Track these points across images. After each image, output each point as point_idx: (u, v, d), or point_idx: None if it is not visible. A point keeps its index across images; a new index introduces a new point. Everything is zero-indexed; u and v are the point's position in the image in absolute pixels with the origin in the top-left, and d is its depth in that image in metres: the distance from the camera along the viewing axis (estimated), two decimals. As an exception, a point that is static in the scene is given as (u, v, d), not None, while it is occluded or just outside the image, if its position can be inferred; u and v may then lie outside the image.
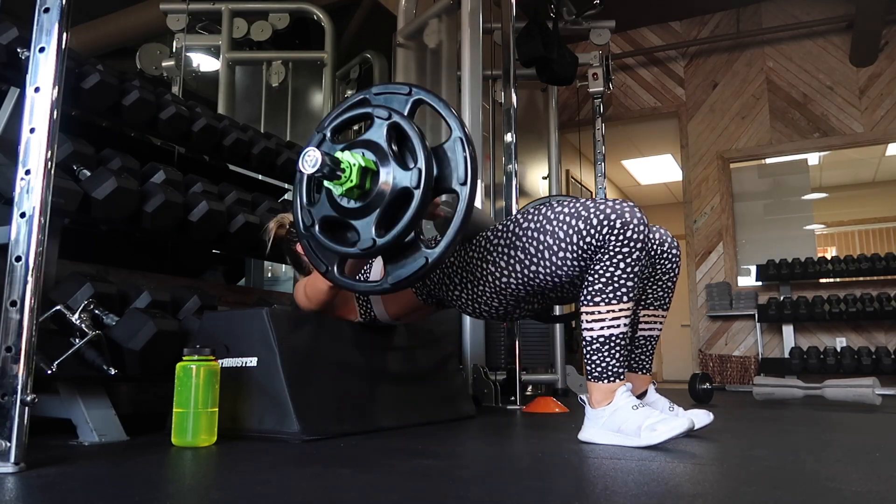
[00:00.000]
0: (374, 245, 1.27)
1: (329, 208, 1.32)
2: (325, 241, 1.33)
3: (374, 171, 1.27)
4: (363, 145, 1.29)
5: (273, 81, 4.63)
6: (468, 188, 1.24)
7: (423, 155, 1.24)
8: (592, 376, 1.45)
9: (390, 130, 1.28)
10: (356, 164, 1.24)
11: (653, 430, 1.35)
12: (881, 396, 2.80)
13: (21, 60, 1.81)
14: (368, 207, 1.28)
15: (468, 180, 1.25)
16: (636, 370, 1.74)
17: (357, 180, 1.24)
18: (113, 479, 0.99)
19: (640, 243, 1.40)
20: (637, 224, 1.39)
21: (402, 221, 1.25)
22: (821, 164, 7.04)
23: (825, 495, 0.91)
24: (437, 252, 1.26)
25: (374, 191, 1.27)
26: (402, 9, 3.90)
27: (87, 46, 4.84)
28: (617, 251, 1.40)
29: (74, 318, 1.44)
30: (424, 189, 1.23)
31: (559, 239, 1.44)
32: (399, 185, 1.25)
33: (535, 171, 5.15)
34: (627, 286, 1.42)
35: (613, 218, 1.39)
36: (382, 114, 1.28)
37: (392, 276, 1.29)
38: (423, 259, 1.27)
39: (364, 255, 1.31)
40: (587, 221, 1.40)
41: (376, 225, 1.27)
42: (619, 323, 1.43)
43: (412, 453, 1.26)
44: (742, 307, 5.12)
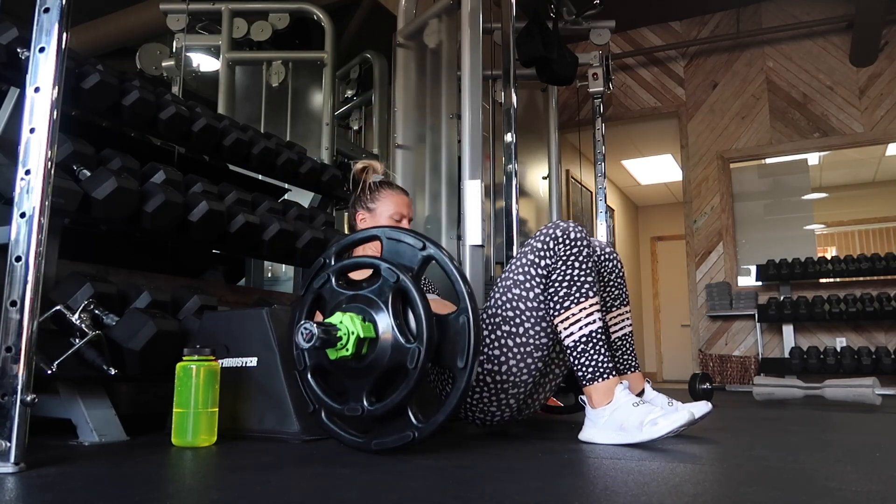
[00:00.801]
0: (362, 413, 1.25)
1: (324, 359, 1.29)
2: (316, 389, 1.32)
3: (373, 339, 1.24)
4: (366, 303, 1.26)
5: (273, 81, 4.62)
6: (467, 372, 1.21)
7: (425, 330, 1.20)
8: (586, 379, 1.46)
9: (396, 294, 1.25)
10: (354, 333, 1.22)
11: (654, 423, 1.36)
12: (881, 396, 2.80)
13: (21, 60, 1.81)
14: (362, 372, 1.26)
15: (468, 365, 1.21)
16: (624, 371, 1.78)
17: (353, 350, 1.22)
18: (113, 479, 0.99)
19: (584, 240, 1.53)
20: (573, 228, 1.53)
21: (395, 398, 1.22)
22: (821, 164, 7.03)
23: (825, 495, 0.91)
24: (425, 431, 1.22)
25: (369, 357, 1.24)
26: (402, 9, 3.90)
27: (87, 46, 4.84)
28: (567, 254, 1.50)
29: (74, 318, 1.44)
30: (422, 370, 1.20)
31: (521, 283, 1.54)
32: (396, 360, 1.22)
33: (535, 171, 5.15)
34: (588, 281, 1.50)
35: (552, 232, 1.52)
36: (390, 276, 1.25)
37: (376, 441, 1.26)
38: (409, 434, 1.23)
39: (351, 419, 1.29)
40: (534, 250, 1.54)
41: (368, 392, 1.25)
42: (593, 318, 1.48)
43: (412, 453, 1.26)
44: (742, 307, 5.12)
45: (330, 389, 1.32)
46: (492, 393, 1.56)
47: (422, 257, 1.29)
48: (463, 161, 2.77)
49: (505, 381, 1.55)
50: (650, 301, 8.84)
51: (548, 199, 5.08)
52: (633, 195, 8.93)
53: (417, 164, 3.62)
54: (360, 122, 5.73)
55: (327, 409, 1.32)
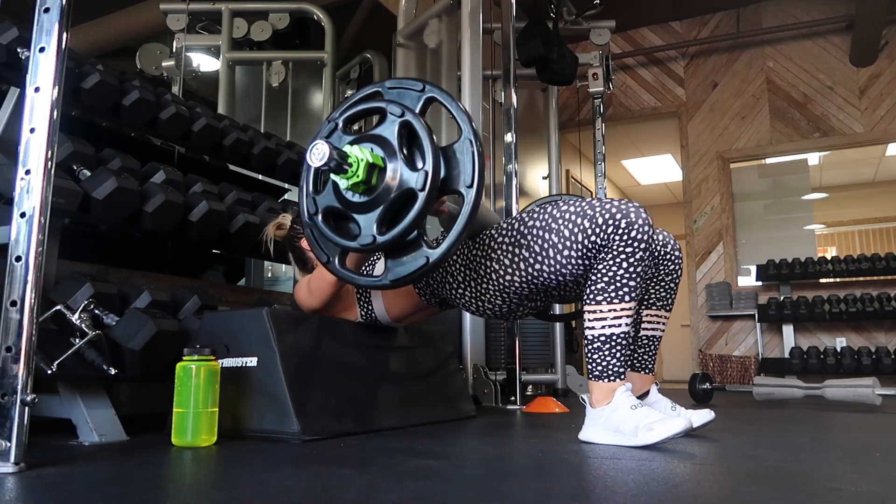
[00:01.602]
0: (373, 242, 1.27)
1: (333, 199, 1.32)
2: (326, 230, 1.33)
3: (382, 168, 1.27)
4: (373, 140, 1.29)
5: (273, 81, 4.63)
6: (474, 191, 1.24)
7: (431, 157, 1.24)
8: (593, 375, 1.46)
9: (401, 128, 1.28)
10: (364, 159, 1.24)
11: (649, 429, 1.35)
12: (881, 396, 2.80)
13: (21, 60, 1.81)
14: (372, 203, 1.28)
15: (475, 183, 1.24)
16: (638, 370, 1.75)
17: (363, 176, 1.24)
18: (113, 479, 0.99)
19: (644, 244, 1.41)
20: (642, 224, 1.40)
21: (404, 222, 1.24)
22: (821, 164, 7.03)
23: (825, 495, 0.91)
24: (438, 252, 1.26)
25: (379, 187, 1.27)
26: (402, 9, 3.90)
27: (87, 46, 4.84)
28: (620, 251, 1.41)
29: (74, 318, 1.44)
30: (429, 192, 1.23)
31: (564, 237, 1.45)
32: (405, 186, 1.25)
33: (535, 171, 5.15)
34: (630, 286, 1.42)
35: (619, 217, 1.40)
36: (395, 111, 1.28)
37: (392, 272, 1.29)
38: (423, 259, 1.26)
39: (363, 251, 1.31)
40: (593, 220, 1.42)
41: (378, 222, 1.27)
42: (620, 322, 1.43)
43: (412, 453, 1.26)
44: (742, 307, 5.12)
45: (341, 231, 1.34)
46: (491, 289, 1.58)
47: (424, 99, 1.32)
48: (463, 161, 2.76)
49: (506, 289, 1.56)
50: (650, 301, 8.82)
51: (548, 199, 5.07)
52: (633, 195, 8.93)
53: (417, 164, 3.62)
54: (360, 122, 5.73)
55: (340, 252, 1.35)
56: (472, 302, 1.64)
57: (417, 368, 2.00)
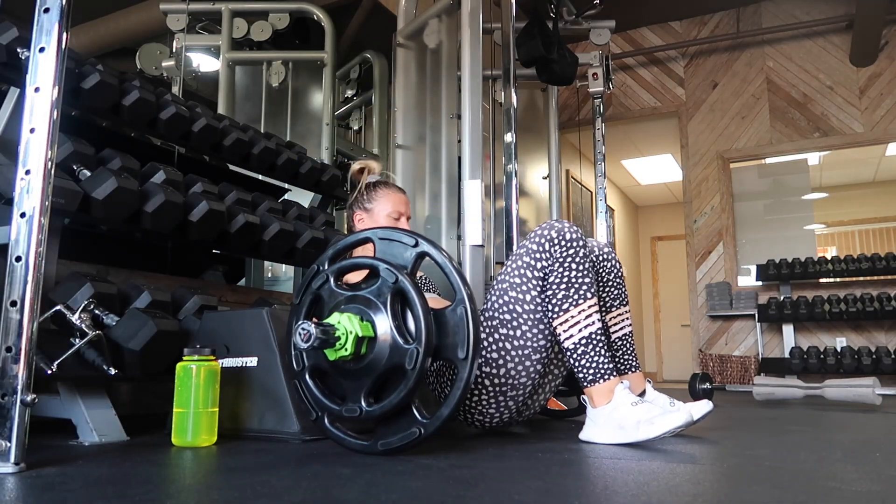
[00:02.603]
0: (360, 413, 1.24)
1: (322, 360, 1.29)
2: (314, 390, 1.31)
3: (371, 338, 1.24)
4: (364, 303, 1.26)
5: (273, 81, 4.62)
6: (468, 363, 1.21)
7: (423, 331, 1.20)
8: (587, 381, 1.46)
9: (395, 295, 1.25)
10: (353, 332, 1.22)
11: (651, 423, 1.36)
12: (881, 396, 2.80)
13: (21, 60, 1.81)
14: (361, 373, 1.25)
15: (469, 355, 1.21)
16: (625, 371, 1.77)
17: (352, 350, 1.22)
18: (113, 479, 0.99)
19: (580, 241, 1.51)
20: (568, 228, 1.51)
21: (393, 399, 1.21)
22: (821, 164, 7.03)
23: (825, 495, 0.91)
24: (431, 426, 1.22)
25: (368, 357, 1.24)
26: (402, 9, 3.90)
27: (87, 46, 4.84)
28: (564, 255, 1.49)
29: (74, 318, 1.44)
30: (420, 369, 1.20)
31: (517, 285, 1.52)
32: (394, 361, 1.22)
33: (535, 171, 5.15)
34: (586, 283, 1.49)
35: (547, 234, 1.50)
36: (389, 276, 1.25)
37: (382, 441, 1.25)
38: (416, 431, 1.22)
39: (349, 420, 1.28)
40: (529, 252, 1.52)
41: (366, 393, 1.25)
42: (592, 320, 1.48)
43: (412, 453, 1.26)
44: (742, 307, 5.12)
45: (328, 391, 1.32)
46: (490, 395, 1.56)
47: (415, 254, 1.30)
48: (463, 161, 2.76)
49: (503, 384, 1.55)
50: (650, 301, 8.84)
51: (548, 199, 5.08)
52: (633, 195, 8.93)
53: (417, 164, 3.62)
54: (360, 122, 5.73)
55: (328, 413, 1.31)
56: (483, 419, 1.61)
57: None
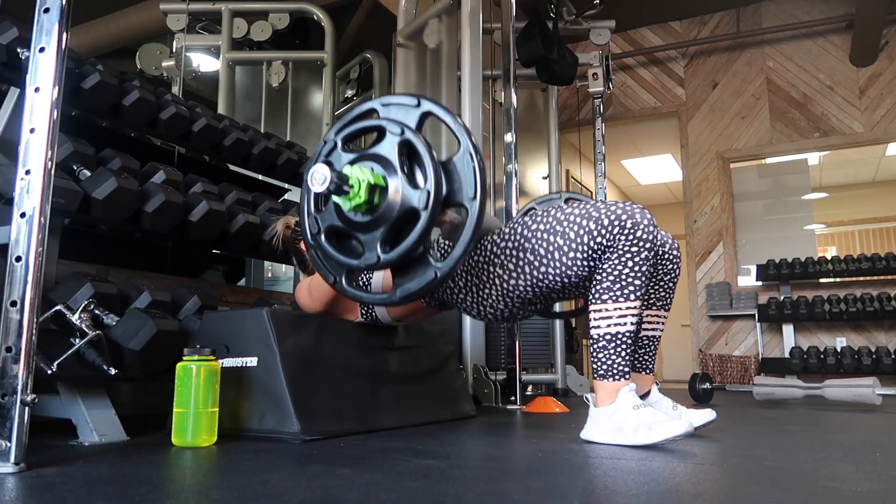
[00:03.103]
0: (378, 261, 1.27)
1: (336, 218, 1.31)
2: (330, 250, 1.33)
3: (383, 188, 1.26)
4: (373, 159, 1.28)
5: (273, 81, 4.62)
6: (478, 203, 1.24)
7: (432, 176, 1.23)
8: (598, 374, 1.47)
9: (402, 147, 1.27)
10: (365, 180, 1.23)
11: (650, 429, 1.36)
12: (881, 396, 2.80)
13: (21, 60, 1.81)
14: (375, 223, 1.27)
15: (477, 195, 1.24)
16: (639, 370, 1.76)
17: (365, 196, 1.23)
18: (113, 479, 0.99)
19: (650, 243, 1.43)
20: (647, 225, 1.42)
21: (407, 241, 1.24)
22: (821, 164, 7.03)
23: (825, 495, 0.91)
24: (446, 266, 1.25)
25: (381, 206, 1.26)
26: (402, 9, 3.90)
27: (87, 46, 4.84)
28: (626, 250, 1.42)
29: (74, 318, 1.44)
30: (431, 211, 1.22)
31: (570, 239, 1.46)
32: (407, 205, 1.24)
33: (535, 171, 5.15)
34: (635, 284, 1.44)
35: (624, 218, 1.42)
36: (395, 129, 1.27)
37: (401, 288, 1.29)
38: (432, 273, 1.26)
39: (368, 269, 1.31)
40: (598, 222, 1.43)
41: (382, 241, 1.27)
42: (626, 321, 1.45)
43: (412, 453, 1.26)
44: (742, 307, 5.12)
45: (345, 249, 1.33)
46: (498, 294, 1.57)
47: (419, 114, 1.31)
48: (463, 161, 2.76)
49: (510, 293, 1.55)
50: (650, 301, 8.82)
51: (548, 199, 5.07)
52: (633, 195, 8.93)
53: (417, 163, 3.62)
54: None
55: (346, 270, 1.34)
56: (473, 306, 1.64)
57: (417, 368, 2.00)
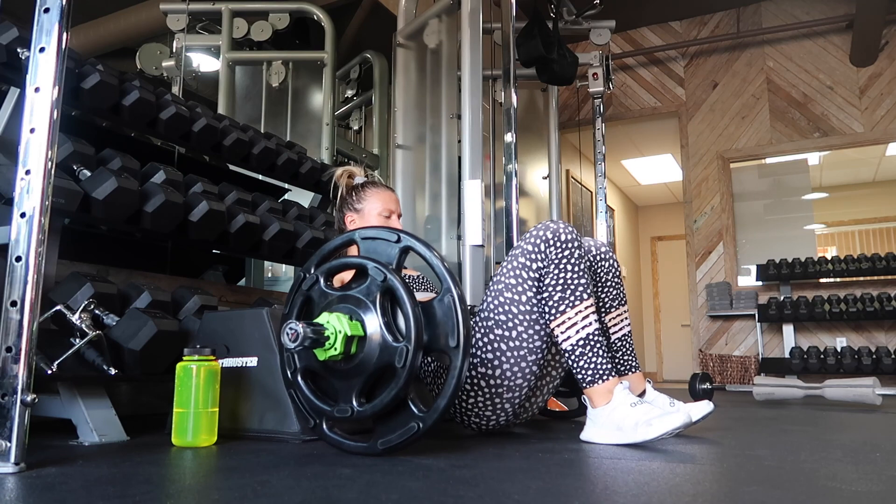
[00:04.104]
0: (352, 414, 1.24)
1: (312, 361, 1.28)
2: (307, 392, 1.31)
3: (361, 337, 1.24)
4: (353, 302, 1.26)
5: (273, 81, 4.62)
6: (461, 353, 1.21)
7: (413, 329, 1.20)
8: (586, 382, 1.46)
9: (384, 293, 1.24)
10: (342, 332, 1.21)
11: (649, 425, 1.36)
12: (881, 396, 2.80)
13: (21, 60, 1.81)
14: (351, 372, 1.25)
15: (461, 344, 1.21)
16: (625, 372, 1.76)
17: (342, 349, 1.22)
18: (113, 479, 0.99)
19: (576, 242, 1.51)
20: (563, 229, 1.50)
21: (384, 397, 1.21)
22: (821, 164, 7.03)
23: (825, 495, 0.91)
24: (429, 419, 1.21)
25: (358, 356, 1.24)
26: (402, 9, 3.90)
27: (87, 46, 4.84)
28: (559, 256, 1.48)
29: (74, 318, 1.44)
30: (410, 367, 1.19)
31: (513, 286, 1.52)
32: (385, 360, 1.22)
33: (535, 171, 5.15)
34: (582, 283, 1.49)
35: (542, 234, 1.50)
36: (378, 274, 1.25)
37: (382, 440, 1.24)
38: (414, 426, 1.22)
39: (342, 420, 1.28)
40: (524, 252, 1.51)
41: (357, 393, 1.25)
42: (590, 321, 1.47)
43: (412, 453, 1.26)
44: (742, 307, 5.12)
45: (321, 392, 1.32)
46: (487, 397, 1.55)
47: (399, 249, 1.30)
48: (463, 161, 2.77)
49: (500, 385, 1.54)
50: (650, 301, 8.84)
51: (548, 199, 5.08)
52: (633, 195, 8.93)
53: (417, 164, 3.62)
54: (360, 122, 5.73)
55: (325, 416, 1.31)
56: (500, 413, 1.60)
57: (417, 368, 1.99)
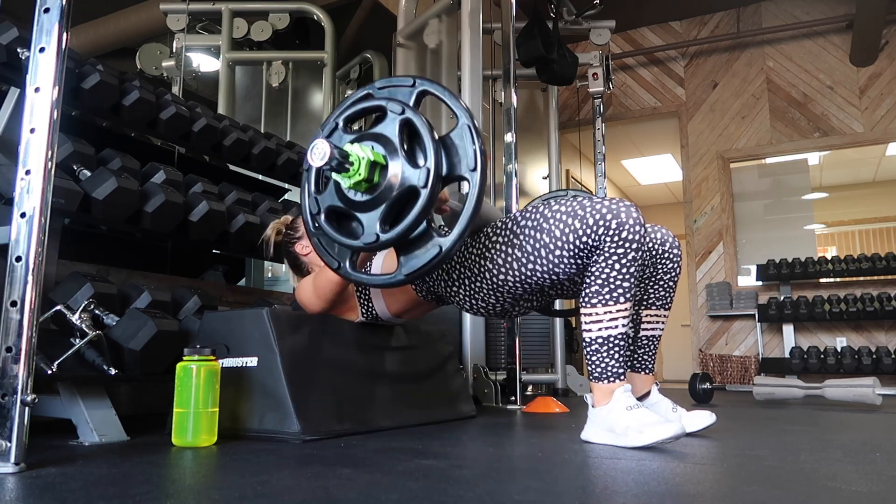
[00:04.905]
0: (377, 240, 1.27)
1: (336, 199, 1.32)
2: (330, 231, 1.33)
3: (383, 166, 1.26)
4: (374, 138, 1.29)
5: (273, 81, 4.62)
6: (478, 174, 1.24)
7: (432, 154, 1.23)
8: (593, 376, 1.47)
9: (402, 126, 1.27)
10: (365, 157, 1.24)
11: (640, 432, 1.35)
12: (881, 396, 2.80)
13: (21, 60, 1.81)
14: (375, 201, 1.28)
15: (478, 167, 1.24)
16: (638, 370, 1.74)
17: (365, 174, 1.24)
18: (113, 479, 0.99)
19: (636, 244, 1.40)
20: (633, 224, 1.39)
21: (407, 219, 1.24)
22: (821, 164, 7.03)
23: (825, 495, 0.91)
24: (450, 240, 1.25)
25: (381, 185, 1.27)
26: (402, 9, 3.90)
27: (87, 46, 4.84)
28: (612, 252, 1.40)
29: (74, 318, 1.44)
30: (431, 189, 1.22)
31: (555, 237, 1.45)
32: (407, 183, 1.25)
33: (535, 171, 5.15)
34: (624, 287, 1.42)
35: (609, 218, 1.39)
36: (395, 108, 1.28)
37: (406, 266, 1.28)
38: (436, 248, 1.26)
39: (367, 249, 1.31)
40: (583, 221, 1.41)
41: (381, 220, 1.27)
42: (616, 324, 1.43)
43: (412, 453, 1.26)
44: (742, 307, 5.12)
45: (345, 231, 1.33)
46: (489, 288, 1.56)
47: (416, 93, 1.32)
48: (463, 161, 2.76)
49: (499, 287, 1.55)
50: (650, 301, 8.82)
51: (548, 199, 5.07)
52: (633, 195, 8.93)
53: (417, 163, 3.61)
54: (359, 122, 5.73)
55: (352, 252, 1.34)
56: (466, 300, 1.64)
57: (417, 368, 2.00)
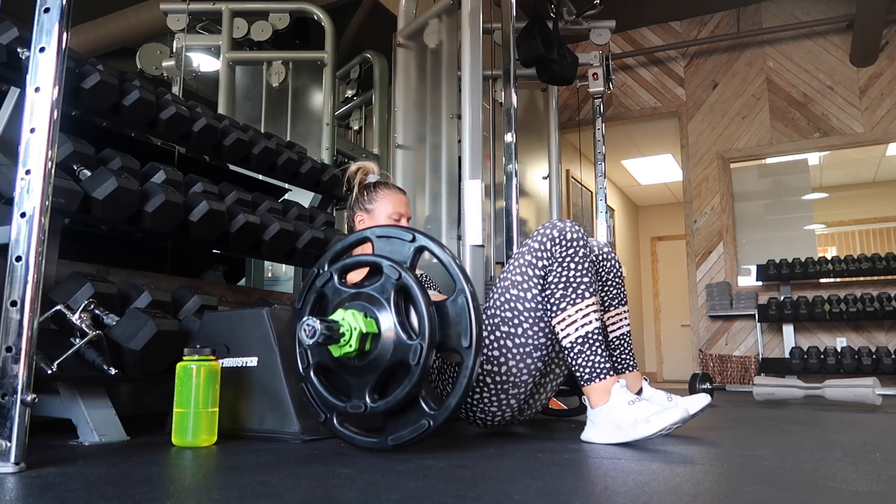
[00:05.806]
0: (365, 409, 1.24)
1: (326, 357, 1.29)
2: (319, 387, 1.31)
3: (375, 334, 1.24)
4: (368, 300, 1.27)
5: (273, 81, 4.62)
6: (472, 353, 1.21)
7: (427, 326, 1.20)
8: (584, 380, 1.47)
9: (398, 291, 1.25)
10: (357, 328, 1.22)
11: (647, 422, 1.36)
12: (881, 396, 2.80)
13: (21, 60, 1.81)
14: (365, 369, 1.25)
15: (473, 344, 1.21)
16: (622, 370, 1.78)
17: (356, 346, 1.22)
18: (113, 479, 0.99)
19: (581, 240, 1.52)
20: (570, 227, 1.52)
21: (397, 394, 1.22)
22: (821, 164, 7.03)
23: (825, 495, 0.91)
24: (440, 417, 1.22)
25: (372, 353, 1.24)
26: (402, 9, 3.90)
27: (87, 46, 4.84)
28: (564, 255, 1.50)
29: (74, 318, 1.44)
30: (423, 364, 1.20)
31: (519, 283, 1.53)
32: (398, 356, 1.22)
33: (536, 171, 5.15)
34: (585, 282, 1.50)
35: (549, 233, 1.52)
36: (392, 272, 1.26)
37: (393, 435, 1.25)
38: (425, 423, 1.22)
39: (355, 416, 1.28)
40: (531, 250, 1.53)
41: (370, 389, 1.25)
42: (590, 319, 1.48)
43: (412, 453, 1.26)
44: (742, 307, 5.12)
45: (333, 388, 1.32)
46: (492, 393, 1.56)
47: (414, 249, 1.31)
48: (463, 161, 2.77)
49: (505, 382, 1.55)
50: (650, 301, 8.84)
51: (548, 199, 5.08)
52: (633, 195, 8.93)
53: (417, 164, 3.62)
54: (360, 122, 5.73)
55: (336, 412, 1.32)
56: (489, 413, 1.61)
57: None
